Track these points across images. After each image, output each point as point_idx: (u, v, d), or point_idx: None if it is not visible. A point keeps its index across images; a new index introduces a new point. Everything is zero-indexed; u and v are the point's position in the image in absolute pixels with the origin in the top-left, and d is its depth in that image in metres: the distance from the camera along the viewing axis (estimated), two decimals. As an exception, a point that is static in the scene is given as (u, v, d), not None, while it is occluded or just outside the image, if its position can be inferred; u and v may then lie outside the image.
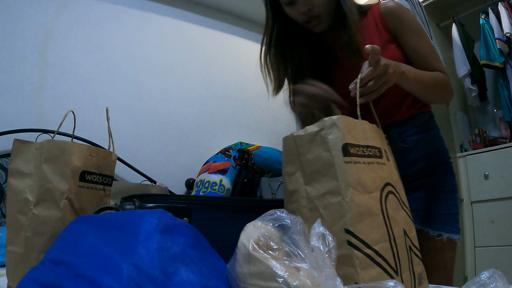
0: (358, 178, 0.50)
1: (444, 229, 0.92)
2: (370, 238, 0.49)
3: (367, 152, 0.53)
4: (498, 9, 2.32)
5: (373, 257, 0.48)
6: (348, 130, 0.51)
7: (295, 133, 0.56)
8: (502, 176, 2.04)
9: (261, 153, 1.83)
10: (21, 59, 1.63)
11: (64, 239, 0.46)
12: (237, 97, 2.32)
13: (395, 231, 0.53)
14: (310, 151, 0.53)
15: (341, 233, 0.48)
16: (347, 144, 0.50)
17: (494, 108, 2.55)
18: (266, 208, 0.71)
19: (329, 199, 0.50)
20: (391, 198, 0.55)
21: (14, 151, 0.64)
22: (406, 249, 0.55)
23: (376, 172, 0.54)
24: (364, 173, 0.51)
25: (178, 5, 2.21)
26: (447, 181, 0.95)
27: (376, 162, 0.55)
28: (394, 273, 0.50)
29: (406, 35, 0.90)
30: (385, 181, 0.55)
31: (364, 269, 0.47)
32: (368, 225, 0.49)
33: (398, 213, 0.56)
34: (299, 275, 0.36)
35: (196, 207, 0.62)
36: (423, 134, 0.95)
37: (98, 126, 1.68)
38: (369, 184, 0.51)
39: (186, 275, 0.39)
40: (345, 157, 0.49)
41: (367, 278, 0.47)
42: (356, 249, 0.47)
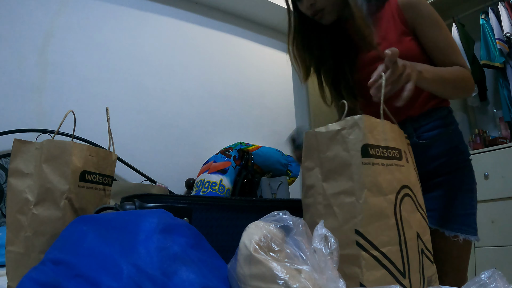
0: (374, 180, 0.50)
1: (461, 230, 0.89)
2: (379, 240, 0.49)
3: (386, 153, 0.54)
4: (498, 9, 2.32)
5: (380, 259, 0.49)
6: (369, 130, 0.51)
7: (317, 129, 0.56)
8: (502, 176, 2.04)
9: (261, 153, 1.83)
10: (21, 59, 1.63)
11: (64, 239, 0.46)
12: (237, 97, 2.32)
13: (407, 234, 0.53)
14: (330, 149, 0.53)
15: (351, 233, 0.49)
16: (367, 145, 0.50)
17: (494, 108, 2.55)
18: (266, 208, 0.71)
19: (344, 198, 0.51)
20: (407, 201, 0.55)
21: (14, 151, 0.64)
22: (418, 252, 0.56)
23: (394, 174, 0.54)
24: (381, 175, 0.51)
25: (178, 5, 2.20)
26: (465, 180, 0.92)
27: (395, 164, 0.55)
28: (401, 275, 0.51)
29: (425, 27, 0.88)
30: (402, 183, 0.55)
31: (369, 270, 0.48)
32: (379, 227, 0.50)
33: (413, 216, 0.56)
34: (300, 277, 0.36)
35: (196, 207, 0.62)
36: (442, 130, 0.93)
37: (98, 126, 1.68)
38: (385, 186, 0.51)
39: (186, 275, 0.39)
40: (363, 158, 0.50)
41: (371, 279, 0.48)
42: (364, 250, 0.48)
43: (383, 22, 0.93)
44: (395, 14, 0.92)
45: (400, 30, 0.91)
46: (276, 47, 2.63)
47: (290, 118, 2.57)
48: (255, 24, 2.56)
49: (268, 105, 2.47)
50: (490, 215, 2.02)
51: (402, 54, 0.88)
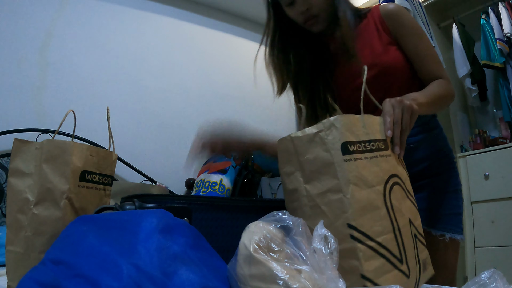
0: (358, 174, 0.51)
1: (446, 229, 0.92)
2: (373, 230, 0.50)
3: (369, 146, 0.54)
4: (498, 9, 2.32)
5: (376, 249, 0.50)
6: (347, 129, 0.52)
7: (292, 134, 0.56)
8: (502, 176, 2.03)
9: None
10: (21, 59, 1.63)
11: (64, 239, 0.46)
12: (237, 97, 2.32)
13: (400, 222, 0.54)
14: (309, 152, 0.54)
15: (344, 228, 0.50)
16: (346, 143, 0.51)
17: (494, 108, 2.55)
18: (266, 208, 0.71)
19: (330, 196, 0.51)
20: (396, 189, 0.56)
21: (14, 151, 0.64)
22: (411, 238, 0.57)
23: (380, 165, 0.55)
24: (365, 169, 0.52)
25: (178, 5, 2.20)
26: (450, 181, 0.95)
27: (380, 155, 0.55)
28: (399, 262, 0.52)
29: (406, 36, 0.91)
30: (390, 173, 0.56)
31: (368, 260, 0.49)
32: (371, 218, 0.51)
33: (404, 203, 0.57)
34: (300, 277, 0.36)
35: (196, 207, 0.62)
36: (426, 134, 0.95)
37: (98, 126, 1.68)
38: (371, 178, 0.52)
39: (186, 275, 0.39)
40: (344, 156, 0.51)
41: (371, 268, 0.49)
42: (359, 242, 0.49)
43: (367, 33, 0.94)
44: (379, 25, 0.93)
45: (385, 40, 0.92)
46: (276, 47, 2.63)
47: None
48: (255, 24, 2.56)
49: (268, 105, 2.47)
50: (490, 215, 2.02)
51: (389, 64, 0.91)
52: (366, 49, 0.93)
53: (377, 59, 0.91)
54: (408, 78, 0.92)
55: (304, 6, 0.87)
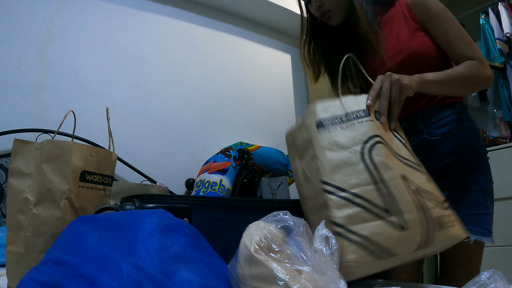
0: (331, 141, 0.59)
1: (472, 230, 0.86)
2: (347, 183, 0.57)
3: (346, 118, 0.62)
4: (498, 9, 2.33)
5: (350, 198, 0.56)
6: (322, 109, 0.62)
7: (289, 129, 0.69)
8: (502, 176, 2.04)
9: (261, 153, 1.83)
10: (21, 59, 1.63)
11: (64, 239, 0.46)
12: (237, 97, 2.32)
13: (386, 175, 0.58)
14: (299, 136, 0.65)
15: (319, 185, 0.58)
16: (320, 120, 0.61)
17: (494, 108, 2.56)
18: (266, 208, 0.71)
19: (311, 163, 0.61)
20: (380, 147, 0.60)
21: (14, 151, 0.64)
22: (407, 192, 0.58)
23: (357, 129, 0.61)
24: (340, 135, 0.60)
25: (178, 5, 2.20)
26: (478, 179, 0.89)
27: (358, 122, 0.62)
28: (384, 212, 0.55)
29: (434, 22, 0.89)
30: (369, 134, 0.61)
31: (339, 208, 0.55)
32: (346, 174, 0.57)
33: (391, 160, 0.60)
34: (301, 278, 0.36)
35: (196, 207, 0.62)
36: (454, 126, 0.90)
37: (98, 126, 1.68)
38: (346, 141, 0.59)
39: (186, 275, 0.39)
40: (318, 129, 0.61)
41: (341, 215, 0.55)
42: (331, 193, 0.56)
43: (395, 21, 0.94)
44: (406, 12, 0.92)
45: (412, 27, 0.91)
46: (276, 47, 2.63)
47: (290, 118, 2.57)
48: (255, 24, 2.56)
49: (268, 105, 2.47)
50: (490, 215, 2.03)
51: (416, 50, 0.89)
52: (392, 36, 0.93)
53: (404, 45, 0.90)
54: (440, 64, 0.90)
55: (316, 3, 0.93)
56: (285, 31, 2.70)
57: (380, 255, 0.53)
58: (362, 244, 0.52)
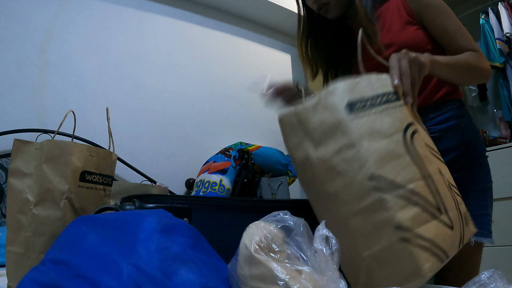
0: (370, 128, 0.48)
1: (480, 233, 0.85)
2: (400, 178, 0.47)
3: (377, 101, 0.52)
4: (498, 9, 2.33)
5: (408, 196, 0.46)
6: (349, 89, 0.51)
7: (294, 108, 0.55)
8: (502, 176, 2.04)
9: (261, 153, 1.83)
10: (21, 59, 1.63)
11: (64, 239, 0.46)
12: (237, 97, 2.32)
13: (430, 169, 0.51)
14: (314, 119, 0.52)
15: (365, 182, 0.46)
16: (349, 102, 0.49)
17: (494, 108, 2.56)
18: (266, 208, 0.71)
19: (344, 154, 0.48)
20: (418, 137, 0.53)
21: (14, 151, 0.64)
22: (446, 187, 0.53)
23: (393, 115, 0.51)
24: (377, 122, 0.49)
25: (178, 5, 2.20)
26: (478, 178, 0.88)
27: (391, 106, 0.52)
28: (437, 211, 0.48)
29: (431, 15, 0.87)
30: (407, 121, 0.52)
31: (401, 209, 0.45)
32: (395, 167, 0.47)
33: (428, 152, 0.54)
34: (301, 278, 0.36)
35: (196, 207, 0.62)
36: (452, 123, 0.89)
37: (98, 126, 1.68)
38: (386, 128, 0.49)
39: (186, 275, 0.39)
40: (350, 115, 0.49)
41: (406, 217, 0.45)
42: (386, 191, 0.45)
43: (388, 14, 0.93)
44: (400, 6, 0.92)
45: (404, 19, 0.90)
46: (276, 47, 2.63)
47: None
48: (255, 24, 2.56)
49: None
50: (490, 215, 2.03)
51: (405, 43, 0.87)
52: (384, 29, 0.92)
53: (393, 39, 0.90)
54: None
55: None
56: (285, 31, 2.70)
57: (443, 258, 0.46)
58: (431, 249, 0.45)
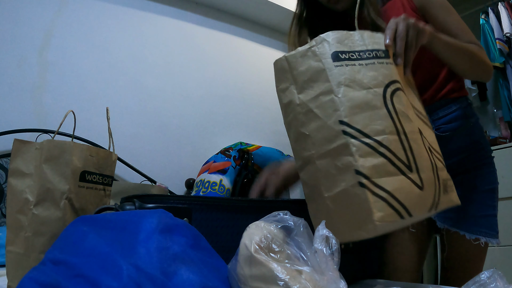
0: (351, 77, 0.51)
1: (482, 232, 0.85)
2: (370, 128, 0.49)
3: (365, 55, 0.54)
4: (498, 9, 2.33)
5: (374, 146, 0.48)
6: (339, 41, 0.53)
7: (286, 54, 0.58)
8: (502, 176, 2.02)
9: (261, 153, 1.83)
10: (21, 59, 1.63)
11: (64, 239, 0.46)
12: (237, 97, 2.32)
13: (407, 127, 0.52)
14: (302, 65, 0.55)
15: (336, 125, 0.50)
16: (337, 52, 0.52)
17: (494, 108, 2.56)
18: (266, 208, 0.71)
19: (322, 99, 0.52)
20: (400, 95, 0.54)
21: (14, 151, 0.64)
22: (425, 149, 0.54)
23: (378, 70, 0.54)
24: (360, 73, 0.52)
25: (178, 5, 2.20)
26: (486, 178, 0.88)
27: (378, 61, 0.54)
28: (406, 168, 0.50)
29: (433, 11, 0.87)
30: (390, 78, 0.54)
31: (364, 156, 0.48)
32: (368, 117, 0.50)
33: (410, 111, 0.55)
34: (301, 278, 0.36)
35: (196, 207, 0.62)
36: (461, 122, 0.87)
37: (98, 126, 1.68)
38: (367, 81, 0.52)
39: (186, 275, 0.39)
40: (335, 62, 0.52)
41: (368, 165, 0.47)
42: (352, 137, 0.48)
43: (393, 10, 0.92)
44: (405, 2, 0.91)
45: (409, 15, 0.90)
46: (276, 47, 2.63)
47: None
48: (255, 24, 2.56)
49: (268, 105, 2.46)
50: (490, 215, 2.02)
51: None
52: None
53: None
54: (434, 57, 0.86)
55: None
56: (285, 31, 2.69)
57: (402, 214, 0.47)
58: (387, 200, 0.47)
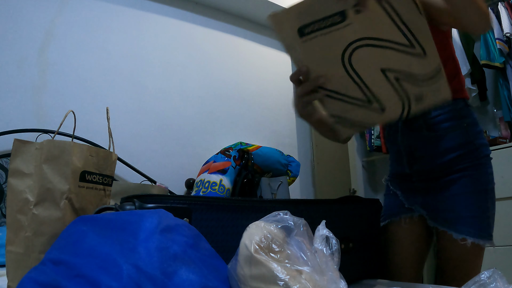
0: (316, 52, 0.65)
1: (470, 233, 0.85)
2: (334, 86, 0.70)
3: (323, 24, 0.61)
4: (498, 9, 2.32)
5: (331, 95, 0.71)
6: (303, 12, 0.61)
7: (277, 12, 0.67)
8: (502, 176, 2.04)
9: (261, 153, 1.83)
10: (21, 59, 1.63)
11: (64, 239, 0.46)
12: (237, 97, 2.32)
13: (365, 77, 0.67)
14: (281, 33, 0.66)
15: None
16: (301, 26, 0.62)
17: (494, 108, 2.56)
18: (266, 208, 0.71)
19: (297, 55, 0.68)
20: (359, 52, 0.64)
21: (14, 151, 0.64)
22: (388, 83, 0.68)
23: (333, 38, 0.63)
24: (320, 44, 0.63)
25: (178, 5, 2.20)
26: (477, 180, 0.88)
27: (335, 29, 0.62)
28: (366, 102, 0.70)
29: None
30: (348, 41, 0.63)
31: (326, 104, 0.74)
32: (334, 81, 0.69)
33: (371, 60, 0.65)
34: (301, 278, 0.36)
35: (196, 207, 0.62)
36: (455, 122, 0.88)
37: (98, 126, 1.68)
38: (326, 52, 0.64)
39: (186, 275, 0.39)
40: (301, 37, 0.63)
41: (336, 108, 0.74)
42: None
43: None
44: None
45: None
46: (276, 47, 2.63)
47: (290, 118, 2.57)
48: (255, 24, 2.56)
49: (268, 105, 2.46)
50: (490, 215, 2.02)
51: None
52: None
53: None
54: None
55: None
56: (285, 31, 2.70)
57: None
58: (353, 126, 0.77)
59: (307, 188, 2.57)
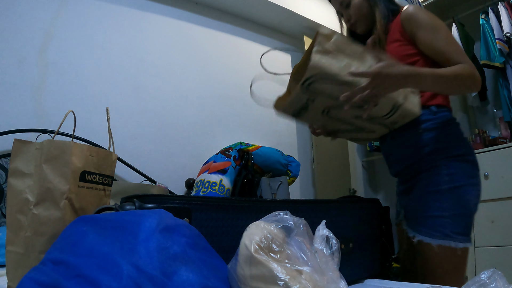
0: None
1: (421, 231, 0.89)
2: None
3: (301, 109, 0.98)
4: (498, 9, 2.32)
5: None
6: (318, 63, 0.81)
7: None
8: (502, 176, 2.03)
9: (261, 153, 1.83)
10: (21, 59, 1.63)
11: (64, 239, 0.46)
12: (237, 97, 2.32)
13: (346, 120, 0.95)
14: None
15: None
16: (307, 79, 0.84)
17: (494, 108, 2.55)
18: (266, 208, 0.71)
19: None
20: (333, 110, 0.92)
21: (14, 151, 0.64)
22: (365, 121, 0.92)
23: (314, 112, 0.95)
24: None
25: (178, 5, 2.20)
26: (432, 181, 0.91)
27: (310, 108, 0.94)
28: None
29: (420, 33, 0.93)
30: (320, 109, 0.93)
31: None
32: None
33: (343, 113, 0.90)
34: (301, 278, 0.36)
35: (196, 207, 0.62)
36: (412, 130, 0.95)
37: (98, 126, 1.68)
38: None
39: (186, 275, 0.39)
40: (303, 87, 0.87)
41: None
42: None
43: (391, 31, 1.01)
44: (399, 24, 0.98)
45: (394, 37, 0.99)
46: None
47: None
48: (255, 24, 2.56)
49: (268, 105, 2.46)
50: (490, 215, 2.02)
51: (391, 55, 0.94)
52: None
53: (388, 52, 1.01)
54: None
55: (346, 17, 1.11)
56: (285, 31, 2.70)
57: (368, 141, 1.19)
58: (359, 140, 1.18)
59: (307, 188, 2.57)
